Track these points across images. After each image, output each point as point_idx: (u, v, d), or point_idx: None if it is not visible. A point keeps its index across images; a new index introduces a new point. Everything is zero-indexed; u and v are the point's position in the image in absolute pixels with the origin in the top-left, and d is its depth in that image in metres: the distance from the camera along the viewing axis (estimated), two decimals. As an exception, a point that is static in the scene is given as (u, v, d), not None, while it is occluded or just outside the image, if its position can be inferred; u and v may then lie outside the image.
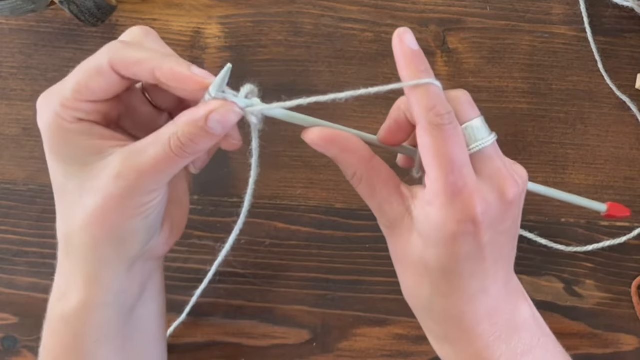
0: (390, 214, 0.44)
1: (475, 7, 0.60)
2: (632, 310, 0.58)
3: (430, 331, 0.47)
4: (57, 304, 0.46)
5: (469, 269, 0.43)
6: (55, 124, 0.43)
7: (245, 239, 0.58)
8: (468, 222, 0.41)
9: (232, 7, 0.60)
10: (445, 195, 0.41)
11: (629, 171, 0.59)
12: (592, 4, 0.59)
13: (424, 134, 0.41)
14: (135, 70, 0.42)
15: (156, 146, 0.42)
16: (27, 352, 0.58)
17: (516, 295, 0.46)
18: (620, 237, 0.58)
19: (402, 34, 0.42)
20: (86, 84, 0.42)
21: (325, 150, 0.43)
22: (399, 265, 0.45)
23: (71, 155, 0.43)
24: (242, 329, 0.59)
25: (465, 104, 0.43)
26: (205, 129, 0.42)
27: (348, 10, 0.60)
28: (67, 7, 0.55)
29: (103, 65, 0.42)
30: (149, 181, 0.43)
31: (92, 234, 0.43)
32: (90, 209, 0.43)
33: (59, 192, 0.45)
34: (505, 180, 0.43)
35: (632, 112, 0.59)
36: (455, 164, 0.41)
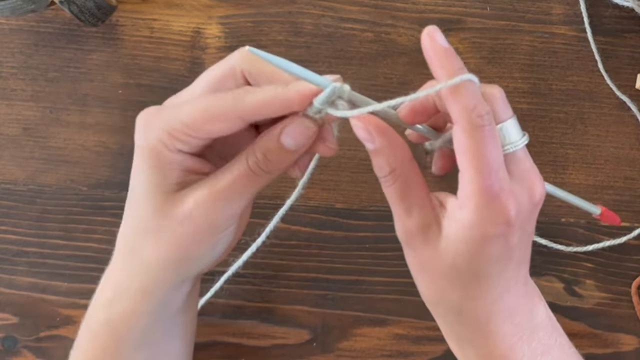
0: (418, 219, 0.43)
1: (475, 7, 0.60)
2: (632, 310, 0.58)
3: (453, 335, 0.46)
4: (101, 309, 0.46)
5: (498, 269, 0.43)
6: (154, 148, 0.42)
7: (245, 239, 0.58)
8: (502, 224, 0.41)
9: (232, 7, 0.60)
10: (480, 198, 0.40)
11: (629, 171, 0.59)
12: (592, 4, 0.59)
13: (463, 135, 0.40)
14: (264, 114, 0.42)
15: (234, 167, 0.43)
16: (27, 352, 0.58)
17: (533, 295, 0.46)
18: (620, 237, 0.58)
19: (432, 32, 0.41)
20: (205, 126, 0.42)
21: (373, 139, 0.42)
22: (425, 274, 0.44)
23: (157, 181, 0.43)
24: (242, 329, 0.59)
25: (500, 102, 0.43)
26: (280, 144, 0.42)
27: (348, 10, 0.60)
28: (67, 7, 0.55)
29: (230, 114, 0.41)
30: (228, 206, 0.43)
31: (164, 256, 0.44)
32: (168, 234, 0.43)
33: (134, 210, 0.45)
34: (535, 181, 0.43)
35: (632, 112, 0.59)
36: (492, 167, 0.40)
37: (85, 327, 0.47)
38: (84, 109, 0.60)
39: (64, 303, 0.59)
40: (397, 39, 0.60)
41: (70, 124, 0.60)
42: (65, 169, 0.60)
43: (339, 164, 0.59)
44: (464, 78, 0.40)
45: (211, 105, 0.42)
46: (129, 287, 0.45)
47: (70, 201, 0.59)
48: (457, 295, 0.43)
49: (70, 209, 0.59)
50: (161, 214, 0.43)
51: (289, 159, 0.43)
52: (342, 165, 0.59)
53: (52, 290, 0.59)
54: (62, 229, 0.59)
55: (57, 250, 0.59)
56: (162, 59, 0.60)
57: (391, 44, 0.60)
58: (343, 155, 0.59)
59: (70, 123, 0.60)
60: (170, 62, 0.60)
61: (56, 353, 0.58)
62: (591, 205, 0.51)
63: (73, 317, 0.59)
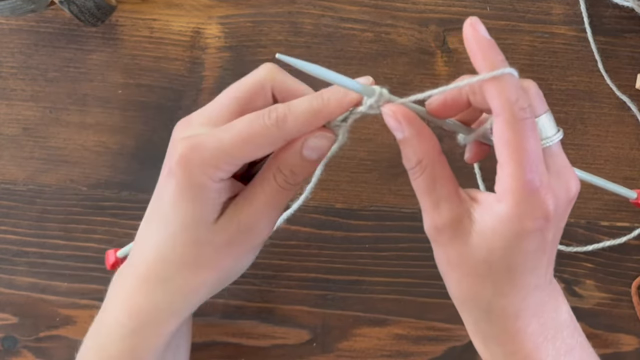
0: (447, 213, 0.42)
1: (475, 7, 0.60)
2: (632, 310, 0.58)
3: (479, 334, 0.46)
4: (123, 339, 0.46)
5: (532, 265, 0.42)
6: (200, 183, 0.42)
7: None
8: (541, 218, 0.41)
9: (232, 7, 0.60)
10: (521, 192, 0.40)
11: (629, 171, 0.59)
12: (592, 4, 0.59)
13: (506, 128, 0.40)
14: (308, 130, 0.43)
15: (264, 186, 0.44)
16: (27, 352, 0.58)
17: (557, 293, 0.46)
18: (620, 237, 0.58)
19: (474, 23, 0.41)
20: (252, 153, 0.42)
21: (401, 128, 0.42)
22: (455, 271, 0.44)
23: (197, 212, 0.43)
24: (242, 329, 0.58)
25: (536, 97, 0.42)
26: (303, 156, 0.43)
27: (348, 10, 0.60)
28: (67, 7, 0.55)
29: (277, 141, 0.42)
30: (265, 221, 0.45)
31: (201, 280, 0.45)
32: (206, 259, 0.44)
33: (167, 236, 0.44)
34: (571, 177, 0.43)
35: (632, 112, 0.59)
36: (534, 160, 0.40)
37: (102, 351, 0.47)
38: (83, 109, 0.60)
39: (64, 303, 0.59)
40: (397, 39, 0.60)
41: (70, 124, 0.60)
42: (65, 169, 0.60)
43: (339, 164, 0.59)
44: (507, 71, 0.40)
45: (253, 132, 0.42)
46: (158, 314, 0.45)
47: (70, 201, 0.59)
48: (488, 292, 0.43)
49: (70, 209, 0.59)
50: (203, 244, 0.44)
51: (313, 168, 0.44)
52: (342, 165, 0.59)
53: (52, 290, 0.59)
54: (62, 229, 0.59)
55: (57, 250, 0.59)
56: (162, 59, 0.60)
57: (391, 44, 0.60)
58: (343, 155, 0.59)
59: (70, 123, 0.60)
60: (170, 62, 0.60)
61: (56, 353, 0.58)
62: (627, 190, 0.51)
63: (73, 317, 0.59)
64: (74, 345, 0.54)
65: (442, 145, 0.43)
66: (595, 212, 0.59)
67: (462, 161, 0.49)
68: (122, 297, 0.46)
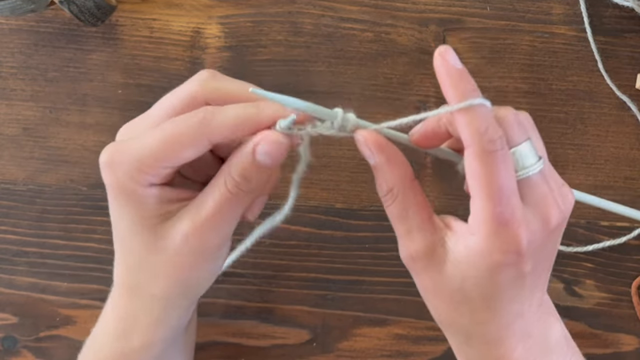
0: (420, 242, 0.42)
1: (475, 7, 0.60)
2: (632, 310, 0.58)
3: (463, 356, 0.46)
4: (115, 343, 0.46)
5: (509, 295, 0.42)
6: (126, 187, 0.41)
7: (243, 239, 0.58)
8: (513, 253, 0.40)
9: (232, 7, 0.60)
10: (491, 225, 0.40)
11: (629, 171, 0.59)
12: (592, 4, 0.59)
13: (474, 160, 0.39)
14: (235, 135, 0.41)
15: (214, 192, 0.42)
16: (27, 352, 0.58)
17: (547, 315, 0.45)
18: (620, 237, 0.58)
19: (443, 52, 0.40)
20: (176, 154, 0.41)
21: (372, 155, 0.42)
22: (433, 297, 0.44)
23: (137, 217, 0.42)
24: (242, 329, 0.58)
25: (513, 126, 0.41)
26: (255, 162, 0.41)
27: (348, 10, 0.60)
28: (67, 7, 0.55)
29: (198, 137, 0.40)
30: (217, 230, 0.42)
31: (164, 288, 0.44)
32: (161, 268, 0.43)
33: (123, 245, 0.44)
34: (551, 207, 0.41)
35: (632, 112, 0.59)
36: (504, 193, 0.39)
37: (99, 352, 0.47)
38: (83, 109, 0.60)
39: (64, 303, 0.59)
40: (397, 39, 0.60)
41: (70, 124, 0.60)
42: (65, 169, 0.60)
43: (339, 164, 0.59)
44: (476, 102, 0.40)
45: (177, 132, 0.40)
46: (142, 320, 0.45)
47: (70, 201, 0.59)
48: (465, 319, 0.43)
49: (70, 209, 0.59)
50: (152, 249, 0.43)
51: (266, 175, 0.42)
52: (342, 165, 0.59)
53: (52, 290, 0.59)
54: (62, 229, 0.59)
55: (57, 250, 0.59)
56: (161, 59, 0.60)
57: (391, 44, 0.60)
58: (343, 155, 0.59)
59: (70, 123, 0.60)
60: (170, 62, 0.60)
61: (56, 353, 0.58)
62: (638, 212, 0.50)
63: (73, 317, 0.59)
64: (74, 345, 0.54)
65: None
66: (595, 212, 0.59)
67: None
68: (109, 302, 0.47)
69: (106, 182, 0.42)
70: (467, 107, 0.39)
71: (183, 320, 0.48)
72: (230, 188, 0.41)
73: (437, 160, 0.58)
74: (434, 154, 0.45)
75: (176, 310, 0.46)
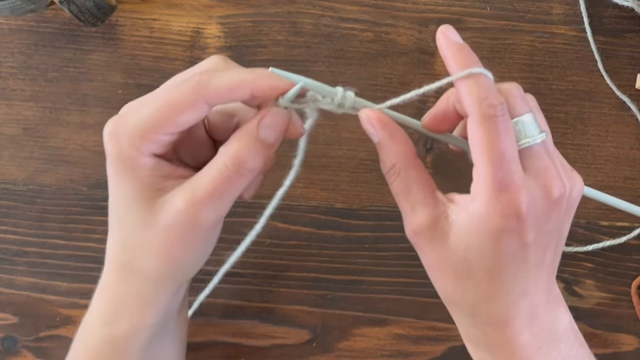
0: (423, 216, 0.42)
1: (475, 7, 0.60)
2: (632, 310, 0.58)
3: (470, 339, 0.46)
4: (103, 326, 0.46)
5: (513, 269, 0.42)
6: (127, 156, 0.42)
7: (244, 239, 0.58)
8: (512, 217, 0.40)
9: (232, 7, 0.60)
10: (492, 190, 0.40)
11: (629, 171, 0.59)
12: (592, 4, 0.59)
13: (475, 126, 0.40)
14: (231, 97, 0.42)
15: (213, 170, 0.42)
16: (27, 352, 0.58)
17: (557, 304, 0.45)
18: (620, 237, 0.58)
19: (445, 30, 0.42)
20: (175, 118, 0.41)
21: (375, 132, 0.43)
22: (437, 272, 0.44)
23: (135, 188, 0.43)
24: (242, 329, 0.59)
25: (517, 97, 0.42)
26: (259, 138, 0.42)
27: (348, 10, 0.60)
28: (67, 7, 0.55)
29: (196, 98, 0.41)
30: (212, 208, 0.42)
31: (155, 265, 0.44)
32: (154, 244, 0.43)
33: (118, 220, 0.44)
34: (552, 178, 0.42)
35: (632, 112, 0.59)
36: (505, 158, 0.40)
37: (84, 344, 0.47)
38: (83, 109, 0.60)
39: (64, 303, 0.59)
40: (397, 39, 0.60)
41: (70, 124, 0.60)
42: (65, 169, 0.60)
43: (339, 164, 0.59)
44: (475, 70, 0.41)
45: (175, 95, 0.41)
46: (129, 303, 0.45)
47: (70, 201, 0.59)
48: (470, 295, 0.43)
49: (70, 209, 0.59)
50: (147, 224, 0.43)
51: (267, 154, 0.43)
52: (342, 165, 0.59)
53: (52, 290, 0.59)
54: (62, 229, 0.59)
55: (57, 250, 0.59)
56: (161, 59, 0.60)
57: (391, 44, 0.60)
58: (343, 155, 0.59)
59: (70, 123, 0.60)
60: (170, 62, 0.60)
61: (56, 353, 0.58)
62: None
63: (73, 317, 0.59)
64: (74, 345, 0.54)
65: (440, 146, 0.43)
66: (595, 212, 0.59)
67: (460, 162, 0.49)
68: (100, 286, 0.47)
69: (108, 153, 0.43)
70: (468, 76, 0.41)
71: (172, 305, 0.47)
72: (230, 166, 0.42)
73: (438, 160, 0.59)
74: (446, 141, 0.46)
75: (165, 292, 0.45)
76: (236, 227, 0.49)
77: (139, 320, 0.45)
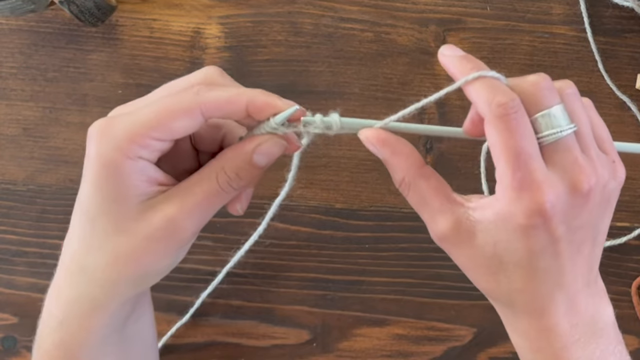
0: (444, 223, 0.42)
1: (475, 7, 0.60)
2: (632, 310, 0.58)
3: (510, 326, 0.45)
4: (53, 332, 0.45)
5: (544, 264, 0.42)
6: (112, 158, 0.41)
7: (245, 239, 0.58)
8: (536, 215, 0.40)
9: (232, 7, 0.60)
10: (512, 190, 0.40)
11: (629, 171, 0.59)
12: (592, 4, 0.59)
13: (488, 128, 0.40)
14: (228, 109, 0.41)
15: (203, 184, 0.42)
16: (27, 352, 0.58)
17: (599, 297, 0.45)
18: (620, 237, 0.58)
19: (443, 50, 0.43)
20: (169, 124, 0.41)
21: (377, 151, 0.43)
22: (472, 272, 0.44)
23: (115, 194, 0.42)
24: (242, 329, 0.58)
25: (543, 90, 0.41)
26: (252, 162, 0.42)
27: (348, 10, 0.60)
28: (67, 7, 0.55)
29: (193, 106, 0.41)
30: (195, 221, 0.42)
31: (120, 272, 0.43)
32: (127, 250, 0.42)
33: (86, 222, 0.44)
34: (581, 173, 0.41)
35: (632, 112, 0.59)
36: (522, 157, 0.40)
37: (38, 349, 0.46)
38: (83, 109, 0.60)
39: (64, 303, 0.59)
40: (397, 39, 0.60)
41: (70, 124, 0.60)
42: (65, 169, 0.60)
43: (338, 164, 0.59)
44: (476, 74, 0.41)
45: (172, 102, 0.41)
46: (80, 307, 0.44)
47: (70, 201, 0.59)
48: (504, 286, 0.43)
49: (70, 209, 0.59)
50: (122, 229, 0.42)
51: (258, 175, 0.43)
52: (342, 165, 0.59)
53: (51, 290, 0.59)
54: (62, 229, 0.59)
55: (56, 250, 0.59)
56: (161, 59, 0.60)
57: (391, 44, 0.60)
58: (343, 155, 0.59)
59: (70, 123, 0.60)
60: (170, 62, 0.60)
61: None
62: None
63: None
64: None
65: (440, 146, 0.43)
66: (595, 212, 0.59)
67: (460, 161, 0.49)
68: (52, 288, 0.46)
69: (90, 153, 0.42)
70: (473, 82, 0.41)
71: (124, 309, 0.46)
72: (221, 183, 0.42)
73: (438, 160, 0.59)
74: None
75: (120, 298, 0.44)
76: (236, 227, 0.49)
77: (87, 323, 0.44)
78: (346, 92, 0.60)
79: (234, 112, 0.42)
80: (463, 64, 0.42)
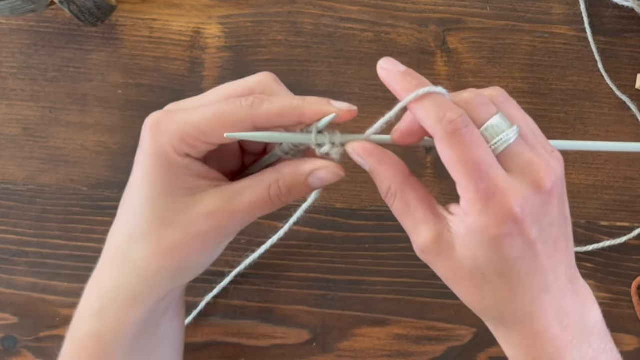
0: (426, 233, 0.42)
1: (475, 7, 0.60)
2: (632, 310, 0.58)
3: (503, 339, 0.45)
4: (90, 320, 0.46)
5: (525, 268, 0.42)
6: (164, 154, 0.42)
7: (245, 239, 0.58)
8: (508, 221, 0.40)
9: (232, 7, 0.60)
10: (479, 202, 0.40)
11: (629, 171, 0.59)
12: (592, 4, 0.59)
13: (443, 146, 0.40)
14: (279, 122, 0.43)
15: (254, 190, 0.43)
16: (27, 352, 0.58)
17: (584, 296, 0.45)
18: (620, 237, 0.58)
19: (382, 64, 0.43)
20: (219, 132, 0.42)
21: (364, 162, 0.43)
22: (454, 284, 0.44)
23: (164, 185, 0.43)
24: (242, 329, 0.58)
25: (478, 105, 0.42)
26: (306, 182, 0.43)
27: (348, 10, 0.60)
28: (67, 7, 0.55)
29: (245, 119, 0.42)
30: (238, 222, 0.44)
31: (162, 263, 0.44)
32: (170, 241, 0.43)
33: (134, 214, 0.44)
34: (539, 171, 0.41)
35: (632, 112, 0.59)
36: (482, 167, 0.40)
37: (72, 338, 0.47)
38: (83, 109, 0.60)
39: (64, 303, 0.59)
40: (397, 39, 0.60)
41: (70, 124, 0.60)
42: (65, 169, 0.60)
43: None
44: (421, 92, 0.41)
45: (226, 110, 0.42)
46: (119, 297, 0.45)
47: (70, 201, 0.59)
48: (490, 298, 0.43)
49: (70, 209, 0.59)
50: (166, 222, 0.43)
51: (308, 194, 0.45)
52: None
53: (51, 290, 0.59)
54: (62, 229, 0.59)
55: (57, 250, 0.59)
56: (161, 59, 0.60)
57: (391, 44, 0.60)
58: (343, 155, 0.59)
59: (70, 123, 0.60)
60: (170, 62, 0.60)
61: (56, 353, 0.58)
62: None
63: (73, 317, 0.58)
64: (74, 345, 0.54)
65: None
66: (595, 212, 0.59)
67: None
68: (93, 277, 0.46)
69: (144, 144, 0.43)
70: (420, 100, 0.41)
71: (162, 305, 0.47)
72: (272, 194, 0.43)
73: (437, 160, 0.58)
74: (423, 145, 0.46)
75: (159, 292, 0.45)
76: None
77: (125, 315, 0.45)
78: (346, 92, 0.60)
79: (284, 124, 0.43)
80: (407, 81, 0.42)
